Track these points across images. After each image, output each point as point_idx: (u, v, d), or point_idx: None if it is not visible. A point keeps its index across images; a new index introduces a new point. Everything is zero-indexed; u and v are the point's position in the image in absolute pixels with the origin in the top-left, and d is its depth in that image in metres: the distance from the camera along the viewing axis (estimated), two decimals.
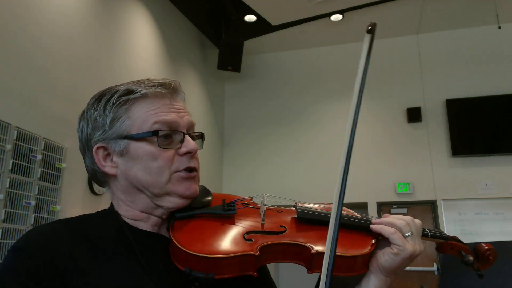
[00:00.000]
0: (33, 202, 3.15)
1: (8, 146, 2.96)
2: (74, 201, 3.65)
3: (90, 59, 4.05)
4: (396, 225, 0.85)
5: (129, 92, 0.84)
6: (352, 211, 0.96)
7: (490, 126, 6.11)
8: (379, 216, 1.16)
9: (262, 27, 6.33)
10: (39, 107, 3.36)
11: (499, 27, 5.90)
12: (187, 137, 0.86)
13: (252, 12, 5.98)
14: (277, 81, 7.24)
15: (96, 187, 3.84)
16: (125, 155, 0.84)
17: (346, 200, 0.57)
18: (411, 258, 0.84)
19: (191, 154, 0.86)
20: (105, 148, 0.86)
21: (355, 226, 0.88)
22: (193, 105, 6.16)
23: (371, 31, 0.66)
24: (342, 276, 0.79)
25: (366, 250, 0.82)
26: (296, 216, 0.88)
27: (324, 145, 6.55)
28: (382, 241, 0.86)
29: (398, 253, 0.83)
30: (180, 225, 0.82)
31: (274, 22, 6.22)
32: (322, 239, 0.81)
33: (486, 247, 0.94)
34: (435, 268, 5.76)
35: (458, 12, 6.12)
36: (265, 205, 0.88)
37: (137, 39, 4.91)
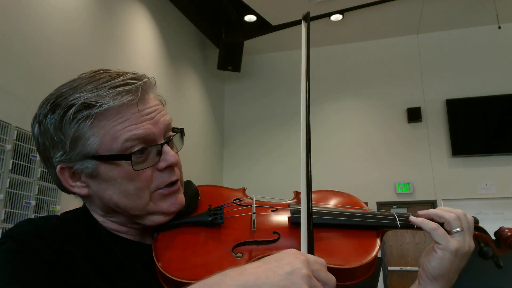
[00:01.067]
0: (33, 202, 3.15)
1: (8, 146, 2.96)
2: (74, 201, 3.65)
3: (89, 59, 4.04)
4: (444, 218, 0.76)
5: (87, 106, 0.69)
6: (361, 203, 0.88)
7: (490, 126, 6.11)
8: None
9: (262, 27, 6.33)
10: None
11: (499, 27, 5.90)
12: (165, 148, 0.74)
13: (252, 12, 5.97)
14: (277, 81, 7.24)
15: None
16: (96, 176, 0.72)
17: None
18: (458, 256, 0.73)
19: (171, 167, 0.75)
20: (70, 168, 0.73)
21: (355, 226, 0.80)
22: (193, 105, 6.17)
23: (305, 18, 0.79)
24: (346, 285, 0.73)
25: (369, 257, 0.75)
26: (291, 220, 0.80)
27: (325, 145, 6.55)
28: (429, 246, 0.77)
29: (443, 255, 0.73)
30: (164, 239, 0.75)
31: (274, 22, 6.22)
32: (320, 246, 0.73)
33: (510, 234, 0.84)
34: None
35: (458, 12, 6.12)
36: (255, 213, 0.80)
37: (137, 39, 4.91)
